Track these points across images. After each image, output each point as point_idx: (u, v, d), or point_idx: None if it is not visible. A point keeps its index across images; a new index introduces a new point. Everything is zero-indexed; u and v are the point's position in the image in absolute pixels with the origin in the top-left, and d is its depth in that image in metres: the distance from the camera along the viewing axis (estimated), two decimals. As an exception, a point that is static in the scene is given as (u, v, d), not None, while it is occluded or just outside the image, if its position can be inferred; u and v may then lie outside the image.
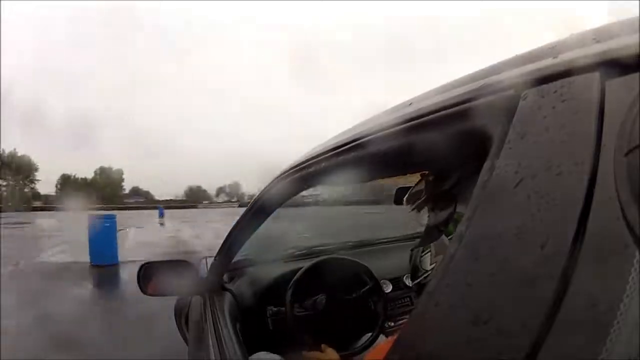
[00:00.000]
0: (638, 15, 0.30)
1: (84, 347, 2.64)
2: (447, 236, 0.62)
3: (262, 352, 1.10)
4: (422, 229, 0.69)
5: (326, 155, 0.64)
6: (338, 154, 0.61)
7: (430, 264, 0.64)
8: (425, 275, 0.65)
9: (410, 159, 0.56)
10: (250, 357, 1.07)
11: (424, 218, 0.70)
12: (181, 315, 1.90)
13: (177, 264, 1.41)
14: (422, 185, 0.71)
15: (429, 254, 0.65)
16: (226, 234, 1.23)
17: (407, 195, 0.74)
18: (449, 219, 0.62)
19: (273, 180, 0.91)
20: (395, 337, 0.70)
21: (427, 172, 0.72)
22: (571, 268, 0.23)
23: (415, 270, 0.68)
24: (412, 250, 0.70)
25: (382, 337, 1.17)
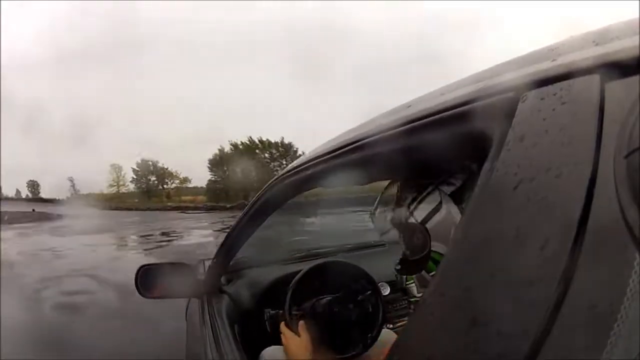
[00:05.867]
0: (638, 17, 0.30)
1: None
2: (428, 273, 0.59)
3: (272, 347, 1.11)
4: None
5: (325, 157, 0.64)
6: (337, 156, 0.61)
7: (418, 293, 0.63)
8: (416, 299, 0.64)
9: (410, 161, 0.56)
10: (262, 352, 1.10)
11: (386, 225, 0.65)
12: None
13: (175, 267, 1.41)
14: (391, 194, 0.66)
15: (414, 284, 0.63)
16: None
17: (375, 208, 0.68)
18: (426, 256, 0.58)
19: (272, 182, 0.91)
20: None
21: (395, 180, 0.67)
22: (571, 270, 0.23)
23: (405, 292, 0.67)
24: (397, 271, 0.68)
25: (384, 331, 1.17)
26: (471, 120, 0.38)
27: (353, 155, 0.57)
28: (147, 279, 1.34)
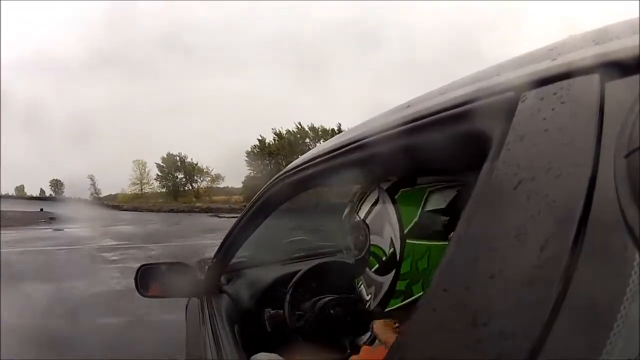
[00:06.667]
0: (638, 16, 0.30)
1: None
2: (370, 269, 0.60)
3: (262, 353, 1.10)
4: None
5: (324, 157, 0.64)
6: (336, 156, 0.61)
7: (367, 295, 0.63)
8: (368, 304, 0.63)
9: (409, 161, 0.56)
10: (251, 358, 1.07)
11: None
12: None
13: (175, 266, 1.41)
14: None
15: (363, 285, 0.63)
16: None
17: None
18: (367, 251, 0.59)
19: (271, 182, 0.91)
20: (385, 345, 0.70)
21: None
22: (571, 270, 0.23)
23: (360, 298, 0.67)
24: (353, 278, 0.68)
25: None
26: (471, 120, 0.38)
27: (353, 155, 0.57)
28: (146, 279, 1.34)
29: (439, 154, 0.44)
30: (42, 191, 42.44)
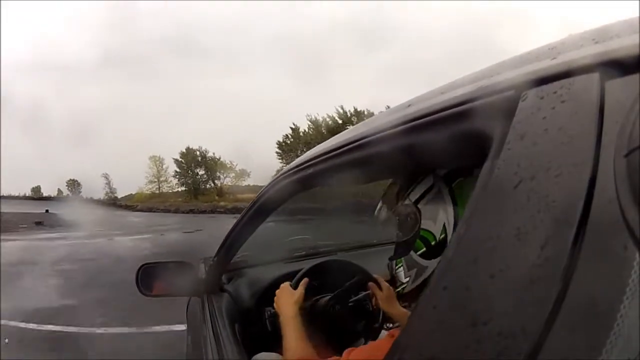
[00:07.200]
0: (637, 15, 0.30)
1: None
2: (415, 252, 0.61)
3: (263, 353, 1.10)
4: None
5: (326, 156, 0.64)
6: (337, 155, 0.61)
7: (405, 278, 0.63)
8: (403, 287, 0.64)
9: (410, 160, 0.56)
10: (252, 358, 1.07)
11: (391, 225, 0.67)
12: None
13: (176, 265, 1.41)
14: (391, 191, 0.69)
15: (402, 267, 0.64)
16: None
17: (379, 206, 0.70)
18: (415, 234, 0.60)
19: (272, 181, 0.91)
20: (387, 339, 0.70)
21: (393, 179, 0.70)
22: (571, 269, 0.23)
23: (393, 280, 0.68)
24: (389, 259, 0.69)
25: (383, 333, 1.18)
26: (471, 119, 0.37)
27: (354, 154, 0.57)
28: (148, 278, 1.34)
29: (440, 153, 0.44)
30: (59, 191, 40.42)
